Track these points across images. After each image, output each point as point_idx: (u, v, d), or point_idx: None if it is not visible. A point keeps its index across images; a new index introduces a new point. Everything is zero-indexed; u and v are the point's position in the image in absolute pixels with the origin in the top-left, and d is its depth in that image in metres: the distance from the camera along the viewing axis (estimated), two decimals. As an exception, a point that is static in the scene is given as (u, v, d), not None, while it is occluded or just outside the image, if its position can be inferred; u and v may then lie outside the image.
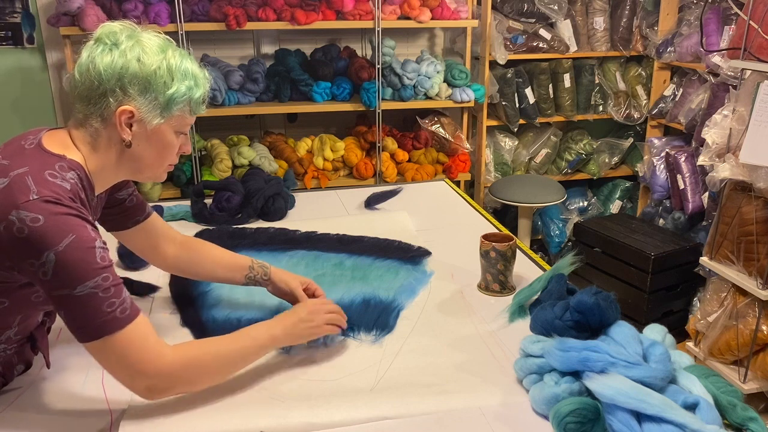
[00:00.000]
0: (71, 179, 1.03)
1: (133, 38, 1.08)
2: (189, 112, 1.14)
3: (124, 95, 1.07)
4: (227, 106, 2.99)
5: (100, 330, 0.99)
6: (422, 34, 3.57)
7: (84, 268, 0.98)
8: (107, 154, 1.11)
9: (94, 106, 1.07)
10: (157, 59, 1.08)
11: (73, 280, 0.97)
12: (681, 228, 3.20)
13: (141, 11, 2.80)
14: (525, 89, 3.44)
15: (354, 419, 1.09)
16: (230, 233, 1.85)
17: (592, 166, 3.73)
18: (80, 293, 0.97)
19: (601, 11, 3.55)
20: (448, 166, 3.27)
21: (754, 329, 2.29)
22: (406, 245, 1.78)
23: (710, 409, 1.00)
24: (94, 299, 0.98)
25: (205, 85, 1.15)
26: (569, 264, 1.45)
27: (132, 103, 1.07)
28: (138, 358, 1.02)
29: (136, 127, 1.09)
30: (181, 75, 1.10)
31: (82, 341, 1.01)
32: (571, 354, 1.07)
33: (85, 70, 1.06)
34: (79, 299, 0.97)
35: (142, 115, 1.08)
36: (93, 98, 1.07)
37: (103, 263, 1.00)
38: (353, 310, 1.42)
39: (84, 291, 0.97)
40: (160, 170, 1.18)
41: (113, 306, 1.00)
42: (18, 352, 1.19)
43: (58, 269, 0.96)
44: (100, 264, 0.99)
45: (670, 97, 3.38)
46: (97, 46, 1.07)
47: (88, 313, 0.98)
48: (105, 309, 0.99)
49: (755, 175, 2.17)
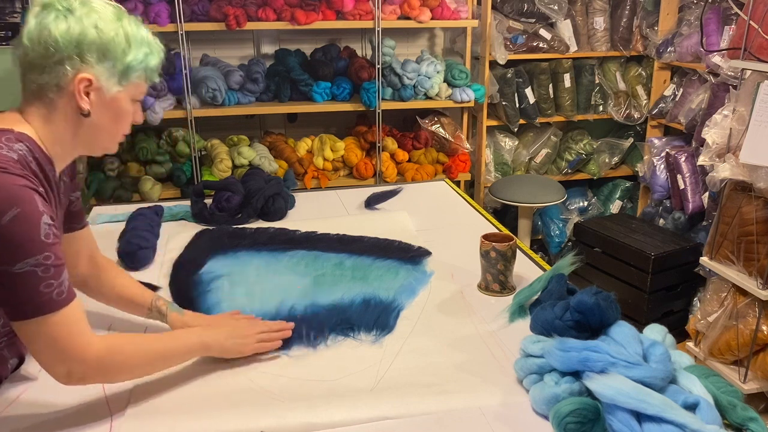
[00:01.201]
0: (19, 150, 1.00)
1: (87, 5, 1.06)
2: (145, 80, 1.14)
3: (81, 62, 1.04)
4: (227, 106, 2.99)
5: (34, 310, 0.97)
6: (422, 34, 3.57)
7: (26, 244, 0.94)
8: (64, 126, 1.08)
9: (49, 75, 1.04)
10: (114, 26, 1.07)
11: (12, 256, 0.94)
12: (681, 228, 3.20)
13: (141, 11, 2.80)
14: (525, 89, 3.44)
15: (354, 419, 1.09)
16: (230, 233, 1.85)
17: (592, 166, 3.73)
18: (19, 270, 0.94)
19: (601, 11, 3.55)
20: (448, 166, 3.27)
21: (754, 329, 2.29)
22: (406, 245, 1.78)
23: (710, 409, 1.00)
24: (32, 278, 0.95)
25: (160, 53, 1.15)
26: (569, 264, 1.45)
27: (90, 71, 1.05)
28: (66, 343, 1.00)
29: (93, 96, 1.07)
30: (137, 42, 1.10)
31: (12, 319, 0.98)
32: (572, 354, 1.07)
33: (37, 37, 1.02)
34: (16, 276, 0.94)
35: (101, 83, 1.07)
36: (48, 66, 1.04)
37: (47, 240, 0.97)
38: (353, 310, 1.42)
39: (23, 268, 0.94)
40: (115, 141, 1.16)
41: (51, 287, 0.97)
42: (9, 345, 1.18)
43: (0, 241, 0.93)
44: (44, 241, 0.96)
45: (670, 97, 3.38)
46: (48, 12, 1.04)
47: (24, 291, 0.95)
48: (42, 289, 0.96)
49: (755, 175, 2.17)
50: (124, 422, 1.08)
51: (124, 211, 1.99)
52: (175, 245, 1.79)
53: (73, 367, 1.02)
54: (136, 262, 1.67)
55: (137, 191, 2.95)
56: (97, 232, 1.93)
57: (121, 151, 2.98)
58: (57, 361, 1.01)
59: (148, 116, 2.87)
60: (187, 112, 2.94)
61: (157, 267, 1.69)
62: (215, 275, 1.61)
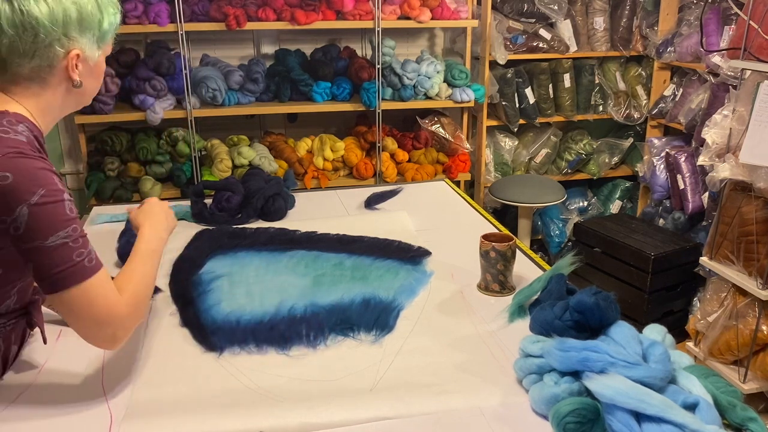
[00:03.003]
0: (23, 131, 1.04)
1: None
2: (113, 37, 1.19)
3: (68, 40, 1.08)
4: (227, 106, 2.99)
5: (71, 278, 1.02)
6: (422, 34, 3.57)
7: (56, 219, 1.00)
8: (53, 99, 1.13)
9: (41, 58, 1.07)
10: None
11: (45, 232, 0.99)
12: (681, 228, 3.20)
13: (141, 11, 2.81)
14: (525, 89, 3.44)
15: (354, 419, 1.09)
16: (230, 233, 1.85)
17: (592, 166, 3.73)
18: (52, 243, 1.00)
19: (601, 11, 3.55)
20: (448, 166, 3.27)
21: (754, 329, 2.29)
22: (406, 245, 1.78)
23: (710, 409, 1.00)
24: (65, 249, 1.01)
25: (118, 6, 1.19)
26: (569, 264, 1.45)
27: (77, 46, 1.10)
28: (104, 306, 1.05)
29: (81, 67, 1.12)
30: (105, 6, 1.14)
31: (51, 291, 1.03)
32: (571, 354, 1.07)
33: (21, 23, 1.03)
34: (50, 250, 1.00)
35: (87, 54, 1.12)
36: (39, 50, 1.06)
37: (72, 215, 1.03)
38: (353, 310, 1.42)
39: (56, 241, 1.00)
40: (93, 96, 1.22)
41: (82, 255, 1.03)
42: (15, 328, 1.20)
43: (31, 222, 0.99)
44: (69, 215, 1.02)
45: (670, 97, 3.38)
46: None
47: (59, 262, 1.01)
48: (75, 258, 1.02)
49: (755, 175, 2.17)
50: (124, 422, 1.08)
51: (124, 211, 1.98)
52: (174, 245, 1.79)
53: (116, 328, 1.07)
54: (136, 262, 1.67)
55: (137, 191, 2.95)
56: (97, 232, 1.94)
57: (122, 151, 2.98)
58: (99, 326, 1.06)
59: (148, 116, 2.87)
60: (187, 112, 2.94)
61: (157, 267, 1.69)
62: (215, 275, 1.61)
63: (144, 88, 2.87)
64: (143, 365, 1.26)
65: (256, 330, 1.35)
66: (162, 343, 1.34)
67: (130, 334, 1.12)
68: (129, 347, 1.32)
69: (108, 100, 2.85)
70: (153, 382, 1.20)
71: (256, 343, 1.32)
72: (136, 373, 1.23)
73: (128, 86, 2.90)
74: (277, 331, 1.35)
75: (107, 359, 1.28)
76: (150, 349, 1.32)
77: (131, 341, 1.34)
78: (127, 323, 1.10)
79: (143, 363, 1.26)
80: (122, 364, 1.26)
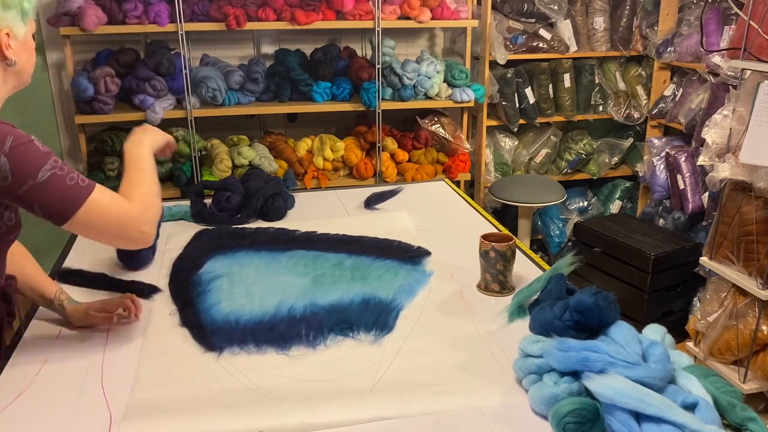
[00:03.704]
0: None
1: None
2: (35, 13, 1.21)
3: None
4: (227, 106, 2.99)
5: (76, 200, 1.09)
6: (422, 34, 3.57)
7: (34, 155, 1.07)
8: None
9: None
10: None
11: (32, 169, 1.06)
12: (681, 228, 3.20)
13: (141, 11, 2.81)
14: (525, 89, 3.44)
15: (353, 419, 1.09)
16: (230, 233, 1.85)
17: (592, 166, 3.73)
18: (43, 178, 1.07)
19: (601, 11, 3.55)
20: (448, 166, 3.27)
21: (754, 329, 2.29)
22: (406, 245, 1.78)
23: (709, 409, 1.00)
24: (56, 179, 1.08)
25: None
26: (569, 264, 1.45)
27: (4, 24, 1.13)
28: (116, 211, 1.13)
29: (13, 44, 1.16)
30: None
31: (63, 221, 1.10)
32: (571, 354, 1.07)
33: None
34: (44, 184, 1.07)
35: (14, 30, 1.15)
36: None
37: (46, 149, 1.10)
38: (353, 310, 1.42)
39: (46, 175, 1.07)
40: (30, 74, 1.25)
41: (74, 179, 1.10)
42: None
43: (14, 166, 1.05)
44: (44, 149, 1.09)
45: (670, 97, 3.38)
46: None
47: (59, 190, 1.08)
48: (69, 183, 1.09)
49: (755, 175, 2.17)
50: (123, 422, 1.08)
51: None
52: (174, 245, 1.80)
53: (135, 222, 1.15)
54: (136, 262, 1.67)
55: (137, 191, 2.94)
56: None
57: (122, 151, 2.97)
58: (121, 228, 1.13)
59: (148, 116, 2.87)
60: (187, 112, 2.94)
61: (157, 267, 1.69)
62: (215, 275, 1.61)
63: (144, 88, 2.87)
64: (143, 365, 1.26)
65: (255, 330, 1.36)
66: (162, 343, 1.34)
67: (155, 227, 1.21)
68: (129, 347, 1.32)
69: (108, 100, 2.85)
70: (153, 382, 1.20)
71: (256, 343, 1.32)
72: (135, 373, 1.23)
73: (128, 86, 2.90)
74: (276, 331, 1.35)
75: (107, 359, 1.28)
76: (150, 349, 1.32)
77: (131, 341, 1.34)
78: (146, 216, 1.17)
79: (143, 363, 1.26)
80: (122, 364, 1.26)
